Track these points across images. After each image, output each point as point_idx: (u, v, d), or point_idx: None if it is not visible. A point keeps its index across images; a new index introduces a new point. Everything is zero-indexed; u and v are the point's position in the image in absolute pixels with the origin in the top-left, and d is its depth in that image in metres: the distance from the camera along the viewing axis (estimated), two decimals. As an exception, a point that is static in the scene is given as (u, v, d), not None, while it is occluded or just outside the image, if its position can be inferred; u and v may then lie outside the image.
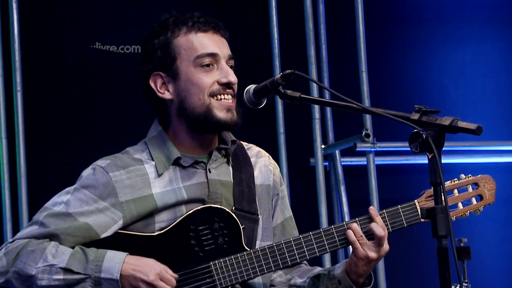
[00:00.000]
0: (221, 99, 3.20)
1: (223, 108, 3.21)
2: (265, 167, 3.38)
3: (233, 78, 3.21)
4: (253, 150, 3.38)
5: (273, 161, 3.41)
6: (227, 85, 3.21)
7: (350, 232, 3.17)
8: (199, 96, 3.20)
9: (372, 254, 3.17)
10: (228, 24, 3.32)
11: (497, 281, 5.51)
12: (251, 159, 3.35)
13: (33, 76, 5.03)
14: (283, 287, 3.23)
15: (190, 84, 3.21)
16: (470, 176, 3.31)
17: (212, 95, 3.19)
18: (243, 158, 3.35)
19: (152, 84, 3.27)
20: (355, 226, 3.18)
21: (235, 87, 3.23)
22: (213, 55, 3.23)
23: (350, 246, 3.18)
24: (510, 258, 5.60)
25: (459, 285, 3.92)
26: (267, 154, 3.40)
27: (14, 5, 4.94)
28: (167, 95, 3.24)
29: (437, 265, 2.80)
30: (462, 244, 4.10)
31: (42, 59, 5.10)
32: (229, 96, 3.20)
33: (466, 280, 4.08)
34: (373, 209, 3.20)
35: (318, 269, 3.31)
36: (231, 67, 3.25)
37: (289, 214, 3.41)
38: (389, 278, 5.20)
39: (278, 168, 3.44)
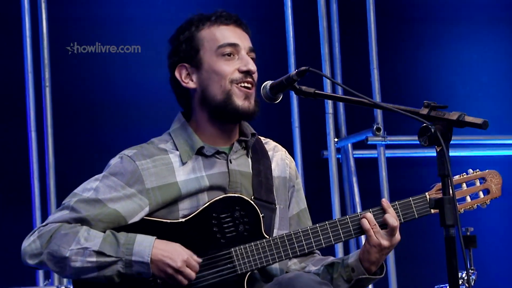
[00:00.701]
0: (241, 86, 3.21)
1: (242, 95, 3.21)
2: (281, 160, 3.38)
3: (252, 67, 3.22)
4: (271, 145, 3.39)
5: (289, 156, 3.42)
6: (247, 73, 3.22)
7: (364, 221, 3.17)
8: (221, 83, 3.22)
9: (385, 243, 3.16)
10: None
11: (502, 268, 5.50)
12: (269, 153, 3.35)
13: (60, 72, 5.04)
14: (297, 271, 3.23)
15: (212, 72, 3.23)
16: (477, 171, 3.31)
17: (233, 82, 3.21)
18: (261, 151, 3.35)
19: (177, 75, 3.28)
20: (370, 215, 3.18)
21: (255, 77, 3.24)
22: (234, 45, 3.24)
23: (363, 236, 3.17)
24: (508, 240, 5.59)
25: (465, 272, 3.92)
26: (284, 149, 3.41)
27: (43, 5, 4.95)
28: (191, 85, 3.26)
29: (445, 253, 2.79)
30: (468, 233, 4.09)
31: (69, 57, 5.11)
32: (250, 85, 3.21)
33: (472, 267, 4.07)
34: (386, 201, 3.20)
35: (331, 258, 3.31)
36: (252, 59, 3.25)
37: (304, 206, 3.41)
38: (398, 265, 5.19)
39: (294, 162, 3.44)
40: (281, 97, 3.21)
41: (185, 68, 3.26)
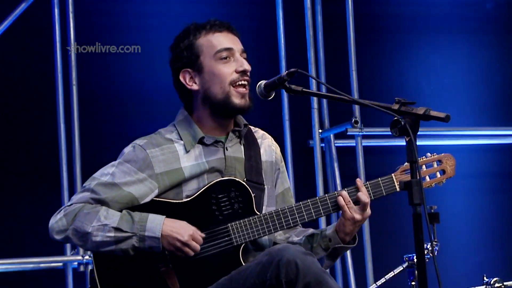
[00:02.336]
0: (238, 86, 3.21)
1: (239, 95, 3.23)
2: (268, 146, 3.40)
3: (247, 66, 3.25)
4: (259, 133, 3.41)
5: (275, 143, 3.45)
6: (244, 72, 3.23)
7: (340, 198, 3.19)
8: (221, 84, 3.23)
9: (358, 216, 3.19)
10: (243, 35, 3.33)
11: (461, 240, 5.50)
12: (258, 140, 3.38)
13: (86, 72, 5.02)
14: (285, 243, 3.23)
15: (213, 75, 3.24)
16: (435, 155, 3.33)
17: (232, 83, 3.21)
18: (251, 139, 3.37)
19: (182, 79, 3.29)
20: (345, 193, 3.20)
21: (249, 74, 3.26)
22: (229, 49, 3.25)
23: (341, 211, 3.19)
24: (471, 221, 5.58)
25: (430, 244, 3.92)
26: (270, 136, 3.44)
27: (70, 7, 4.92)
28: (194, 87, 3.27)
29: (413, 228, 2.79)
30: (432, 211, 4.09)
31: (93, 59, 5.08)
32: (246, 82, 3.23)
33: (436, 240, 4.07)
34: (359, 181, 3.24)
35: (311, 230, 3.35)
36: (244, 58, 3.27)
37: (288, 185, 3.43)
38: (373, 238, 5.19)
39: (279, 148, 3.46)
40: (273, 94, 3.23)
41: (188, 73, 3.27)
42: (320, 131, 5.30)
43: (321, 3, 5.32)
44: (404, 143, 2.85)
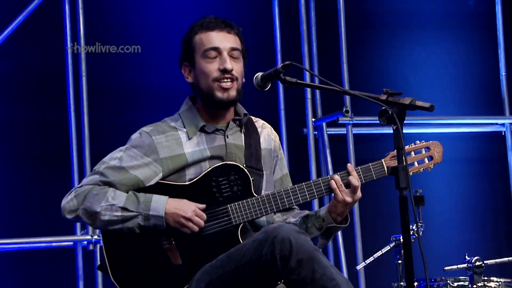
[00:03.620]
0: (221, 82, 3.21)
1: (220, 89, 3.21)
2: (268, 135, 3.38)
3: (228, 65, 3.21)
4: (259, 122, 3.39)
5: (274, 132, 3.42)
6: (224, 71, 3.20)
7: (333, 182, 3.18)
8: (206, 80, 3.23)
9: (349, 199, 3.17)
10: (242, 30, 3.31)
11: (444, 222, 5.51)
12: (258, 129, 3.36)
13: (94, 64, 5.01)
14: (280, 223, 3.23)
15: (200, 71, 3.25)
16: (423, 142, 3.31)
17: (215, 80, 3.21)
18: (252, 128, 3.35)
19: (182, 71, 3.30)
20: (337, 177, 3.18)
21: (234, 72, 3.22)
22: (215, 49, 3.23)
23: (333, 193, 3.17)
24: (454, 204, 5.59)
25: (415, 225, 3.92)
26: (270, 126, 3.41)
27: (81, 12, 4.91)
28: (190, 80, 3.29)
29: (399, 210, 2.79)
30: (418, 194, 4.08)
31: (101, 52, 5.07)
32: (227, 80, 3.21)
33: (421, 221, 4.07)
34: (350, 166, 3.21)
35: (306, 212, 3.33)
36: (232, 56, 3.24)
37: (286, 171, 3.41)
38: (362, 219, 5.20)
39: (278, 137, 3.44)
40: (269, 85, 3.19)
41: (187, 66, 3.28)
42: (313, 119, 5.29)
43: (314, 0, 5.31)
44: (391, 131, 2.84)
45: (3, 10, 4.90)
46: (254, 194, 3.18)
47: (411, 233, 3.73)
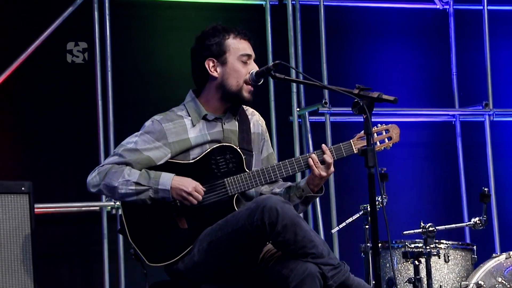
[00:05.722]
0: (249, 85, 3.20)
1: (247, 91, 3.22)
2: (256, 121, 3.39)
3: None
4: (249, 111, 3.39)
5: (261, 118, 3.44)
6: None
7: (310, 160, 3.19)
8: (237, 80, 3.21)
9: (323, 173, 3.18)
10: None
11: (404, 194, 5.51)
12: (248, 116, 3.36)
13: (120, 61, 4.97)
14: (269, 194, 3.24)
15: (234, 71, 3.21)
16: (384, 125, 3.31)
17: (245, 81, 3.20)
18: (244, 116, 3.36)
19: (206, 65, 3.23)
20: (314, 156, 3.20)
21: None
22: (249, 56, 3.24)
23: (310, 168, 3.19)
24: (412, 180, 5.59)
25: (380, 197, 3.92)
26: (258, 113, 3.43)
27: (107, 5, 4.84)
28: (215, 74, 3.23)
29: (367, 184, 2.78)
30: (382, 171, 4.08)
31: (124, 50, 5.03)
32: (253, 83, 3.22)
33: (385, 194, 4.06)
34: (324, 146, 3.23)
35: (289, 183, 3.35)
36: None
37: (271, 151, 3.44)
38: (337, 191, 5.19)
39: (264, 122, 3.44)
40: (262, 80, 3.21)
41: (212, 62, 3.21)
42: (298, 109, 5.27)
43: (300, 11, 5.28)
44: (362, 119, 2.84)
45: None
46: (246, 170, 3.18)
47: (377, 203, 3.72)
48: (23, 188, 3.44)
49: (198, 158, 3.18)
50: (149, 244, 3.14)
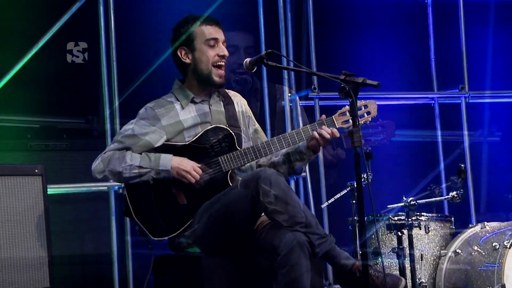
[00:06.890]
0: (217, 67, 3.20)
1: (217, 75, 3.25)
2: (239, 101, 3.45)
3: (225, 52, 3.26)
4: (231, 93, 3.48)
5: (243, 99, 3.47)
6: (223, 56, 3.25)
7: (317, 133, 3.25)
8: (206, 64, 3.21)
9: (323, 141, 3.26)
10: (235, 28, 3.31)
11: (387, 172, 5.51)
12: (231, 97, 3.38)
13: (123, 51, 4.91)
14: (263, 168, 3.26)
15: (202, 55, 3.23)
16: (362, 101, 3.31)
17: (213, 64, 3.20)
18: (227, 97, 3.41)
19: (179, 53, 3.28)
20: (325, 127, 3.27)
21: (226, 58, 3.27)
22: (215, 39, 3.25)
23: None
24: (394, 158, 5.59)
25: (366, 174, 3.90)
26: (239, 95, 3.46)
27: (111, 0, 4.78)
28: (187, 61, 3.26)
29: (354, 162, 2.75)
30: (368, 151, 4.06)
31: (128, 42, 4.97)
32: (223, 63, 3.24)
33: (369, 171, 4.05)
34: (324, 116, 3.33)
35: (285, 150, 3.36)
36: (225, 46, 3.28)
37: (257, 125, 3.50)
38: (326, 170, 5.16)
39: (246, 101, 3.46)
40: (255, 68, 3.20)
41: (184, 50, 3.24)
42: (289, 94, 5.23)
43: (290, 3, 5.22)
44: (348, 103, 2.82)
45: None
46: (238, 148, 3.19)
47: (362, 180, 3.70)
48: (36, 171, 3.46)
49: (192, 140, 3.20)
50: (152, 220, 3.14)
